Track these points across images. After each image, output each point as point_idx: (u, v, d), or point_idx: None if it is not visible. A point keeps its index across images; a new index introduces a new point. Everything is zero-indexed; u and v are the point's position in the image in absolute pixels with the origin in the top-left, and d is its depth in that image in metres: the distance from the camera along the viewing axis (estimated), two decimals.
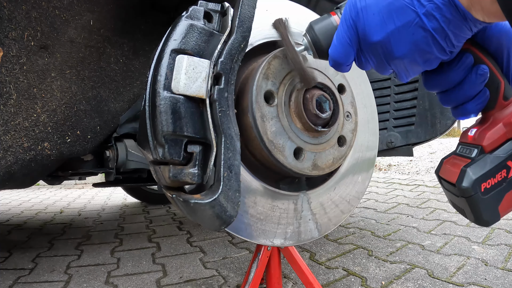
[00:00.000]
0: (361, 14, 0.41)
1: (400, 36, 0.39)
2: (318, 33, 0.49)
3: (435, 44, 0.38)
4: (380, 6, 0.39)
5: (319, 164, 0.65)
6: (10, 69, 0.82)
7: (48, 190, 4.77)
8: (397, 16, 0.38)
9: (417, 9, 0.37)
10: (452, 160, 0.50)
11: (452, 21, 0.37)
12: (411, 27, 0.38)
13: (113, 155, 1.32)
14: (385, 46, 0.41)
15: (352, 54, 0.45)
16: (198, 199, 0.50)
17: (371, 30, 0.41)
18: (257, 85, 0.59)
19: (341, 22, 0.44)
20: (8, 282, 1.30)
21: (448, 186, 0.48)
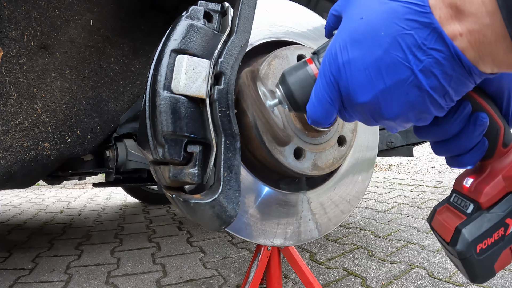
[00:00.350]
0: (343, 70, 0.34)
1: (391, 97, 0.32)
2: (293, 86, 0.42)
3: (432, 103, 0.32)
4: (367, 61, 0.32)
5: (319, 164, 0.65)
6: (10, 69, 0.82)
7: (48, 190, 4.77)
8: (387, 73, 0.31)
9: (412, 65, 0.30)
10: (445, 212, 0.45)
11: (454, 77, 0.30)
12: (405, 86, 0.31)
13: (113, 155, 1.32)
14: (373, 107, 0.34)
15: (333, 113, 0.38)
16: (198, 199, 0.50)
17: (356, 90, 0.33)
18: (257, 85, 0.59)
19: (320, 77, 0.36)
20: (8, 282, 1.30)
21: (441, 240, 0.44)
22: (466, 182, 0.43)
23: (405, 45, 0.30)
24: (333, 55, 0.34)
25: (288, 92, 0.42)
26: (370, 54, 0.32)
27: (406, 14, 0.29)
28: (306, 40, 0.75)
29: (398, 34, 0.30)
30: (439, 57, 0.29)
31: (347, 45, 0.33)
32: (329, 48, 0.35)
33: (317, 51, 0.42)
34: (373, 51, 0.31)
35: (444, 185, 3.15)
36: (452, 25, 0.28)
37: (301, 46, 0.67)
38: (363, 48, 0.32)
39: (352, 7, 0.34)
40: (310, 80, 0.41)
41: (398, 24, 0.30)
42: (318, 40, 0.77)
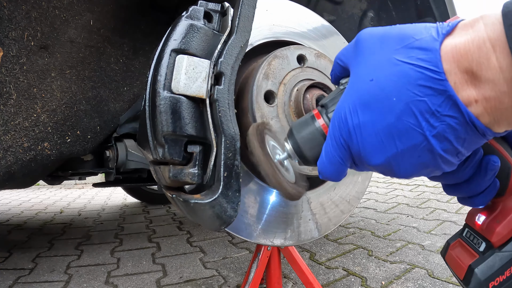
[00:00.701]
0: (354, 134, 0.33)
1: (403, 159, 0.31)
2: (301, 142, 0.41)
3: (444, 162, 0.31)
4: (378, 126, 0.31)
5: None
6: (10, 69, 0.82)
7: (48, 190, 4.77)
8: (400, 139, 0.30)
9: (426, 131, 0.29)
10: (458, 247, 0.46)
11: (468, 139, 0.29)
12: (418, 150, 0.30)
13: (113, 155, 1.32)
14: (385, 168, 0.33)
15: (344, 171, 0.37)
16: (198, 199, 0.50)
17: (368, 153, 0.33)
18: (257, 85, 0.59)
19: (330, 138, 0.35)
20: (8, 282, 1.30)
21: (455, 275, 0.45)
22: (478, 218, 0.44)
23: (418, 111, 0.29)
24: (343, 118, 0.33)
25: (297, 148, 0.41)
26: (381, 119, 0.31)
27: (419, 79, 0.28)
28: (306, 40, 0.75)
29: (411, 101, 0.29)
30: (453, 123, 0.28)
31: (357, 108, 0.32)
32: (337, 109, 0.34)
33: (325, 105, 0.40)
34: (384, 117, 0.30)
35: None
36: (468, 91, 0.27)
37: (301, 46, 0.67)
38: (374, 112, 0.31)
39: (360, 64, 0.33)
40: (319, 135, 0.40)
41: (410, 90, 0.29)
42: (318, 40, 0.77)
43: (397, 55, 0.30)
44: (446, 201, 2.46)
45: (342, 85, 0.39)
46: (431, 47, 0.28)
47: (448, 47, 0.28)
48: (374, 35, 0.33)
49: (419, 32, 0.30)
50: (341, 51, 0.38)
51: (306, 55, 0.66)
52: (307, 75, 0.65)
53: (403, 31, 0.31)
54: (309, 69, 0.65)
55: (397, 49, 0.30)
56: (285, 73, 0.62)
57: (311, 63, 0.66)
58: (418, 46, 0.29)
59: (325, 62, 0.69)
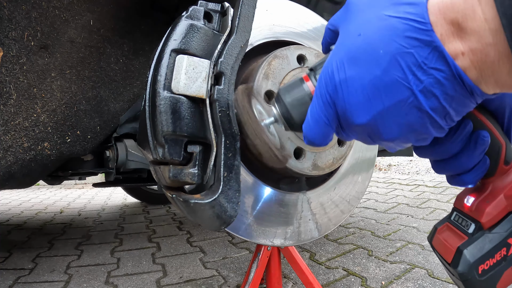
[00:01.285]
0: (340, 90, 0.32)
1: (390, 118, 0.31)
2: (289, 104, 0.40)
3: (432, 124, 0.30)
4: (365, 81, 0.30)
5: (319, 164, 0.65)
6: (10, 69, 0.82)
7: (48, 190, 4.77)
8: (386, 94, 0.30)
9: (412, 85, 0.28)
10: (446, 231, 0.45)
11: (456, 97, 0.29)
12: (404, 107, 0.30)
13: (113, 155, 1.32)
14: (371, 128, 0.32)
15: (330, 133, 0.36)
16: (198, 199, 0.50)
17: (354, 110, 0.32)
18: (257, 85, 0.59)
19: (316, 96, 0.35)
20: (8, 282, 1.30)
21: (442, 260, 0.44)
22: (467, 200, 0.43)
23: (405, 64, 0.28)
24: (330, 73, 0.33)
25: (284, 110, 0.41)
26: (368, 73, 0.30)
27: (406, 31, 0.28)
28: (306, 40, 0.75)
29: (397, 53, 0.28)
30: (440, 77, 0.28)
31: (344, 63, 0.31)
32: (325, 66, 0.34)
33: (314, 68, 0.40)
34: (371, 70, 0.30)
35: (444, 185, 3.15)
36: (454, 44, 0.27)
37: (301, 46, 0.67)
38: (361, 66, 0.30)
39: (349, 22, 0.33)
40: (307, 98, 0.39)
41: (397, 42, 0.28)
42: (318, 40, 0.77)
43: (385, 11, 0.29)
44: (446, 201, 2.46)
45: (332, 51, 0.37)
46: (418, 2, 0.28)
47: (435, 0, 0.28)
48: None
49: None
50: (332, 17, 0.37)
51: (306, 55, 0.66)
52: None
53: None
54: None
55: (386, 5, 0.30)
56: (285, 73, 0.62)
57: (311, 63, 0.66)
58: (406, 2, 0.29)
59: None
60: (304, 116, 0.39)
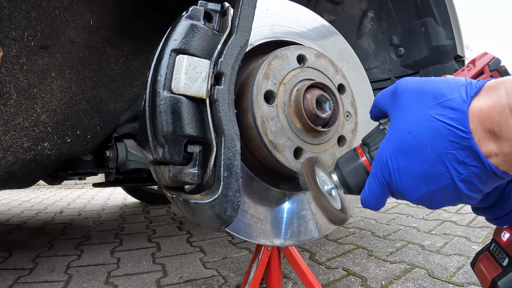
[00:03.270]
0: (393, 176, 0.39)
1: (434, 197, 0.38)
2: (347, 175, 0.48)
3: (469, 198, 0.38)
4: (414, 171, 0.37)
5: None
6: (10, 69, 0.82)
7: (48, 190, 4.77)
8: (432, 181, 0.37)
9: (454, 177, 0.36)
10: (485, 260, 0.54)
11: (488, 181, 0.36)
12: (447, 191, 0.37)
13: (113, 155, 1.32)
14: (419, 202, 0.41)
15: (384, 202, 0.44)
16: (198, 199, 0.50)
17: (405, 192, 0.40)
18: (257, 85, 0.59)
19: (373, 177, 0.42)
20: (8, 282, 1.30)
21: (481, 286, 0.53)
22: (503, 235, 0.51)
23: (448, 161, 0.35)
24: (385, 161, 0.40)
25: (342, 179, 0.48)
26: (417, 165, 0.37)
27: (450, 136, 0.35)
28: (306, 40, 0.75)
29: (442, 153, 0.35)
30: (476, 171, 0.35)
31: (397, 155, 0.38)
32: (379, 154, 0.41)
33: (367, 143, 0.47)
34: (420, 164, 0.37)
35: None
36: (489, 146, 0.34)
37: (301, 46, 0.67)
38: (411, 159, 0.37)
39: (399, 116, 0.39)
40: (362, 170, 0.46)
41: (442, 144, 0.35)
42: (318, 40, 0.77)
43: (431, 111, 0.36)
44: None
45: (382, 125, 0.45)
46: (460, 108, 0.35)
47: (474, 110, 0.34)
48: (411, 89, 0.39)
49: (451, 92, 0.36)
50: (379, 96, 0.44)
51: (306, 55, 0.66)
52: (307, 75, 0.65)
53: (437, 87, 0.37)
54: (309, 69, 0.65)
55: (431, 105, 0.36)
56: (285, 73, 0.62)
57: (311, 63, 0.66)
58: (450, 106, 0.35)
59: (325, 62, 0.69)
60: (359, 183, 0.47)
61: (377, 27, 1.38)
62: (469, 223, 1.85)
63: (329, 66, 0.69)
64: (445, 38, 1.27)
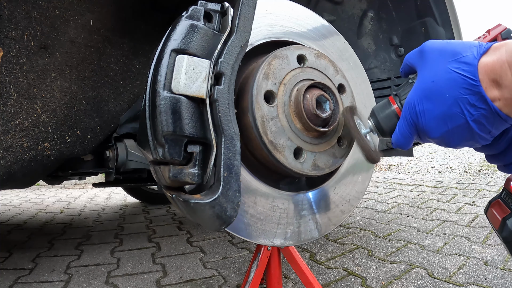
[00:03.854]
0: (420, 117, 0.49)
1: (453, 135, 0.48)
2: (381, 120, 0.57)
3: (480, 137, 0.47)
4: (436, 112, 0.47)
5: (319, 164, 0.65)
6: (10, 69, 0.82)
7: (48, 190, 4.77)
8: (450, 121, 0.46)
9: (467, 117, 0.45)
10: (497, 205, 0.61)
11: (495, 123, 0.45)
12: (462, 129, 0.46)
13: (113, 155, 1.32)
14: (440, 140, 0.50)
15: (412, 141, 0.53)
16: (198, 199, 0.50)
17: (429, 130, 0.49)
18: (257, 85, 0.59)
19: (403, 119, 0.52)
20: (8, 282, 1.30)
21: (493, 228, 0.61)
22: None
23: (462, 104, 0.45)
24: (412, 105, 0.50)
25: (377, 124, 0.58)
26: (438, 108, 0.47)
27: (463, 84, 0.44)
28: (306, 40, 0.75)
29: (457, 97, 0.45)
30: (484, 113, 0.44)
31: (422, 100, 0.48)
32: (409, 100, 0.50)
33: (398, 94, 0.56)
34: (440, 106, 0.47)
35: (444, 185, 3.15)
36: (493, 92, 0.43)
37: (301, 46, 0.67)
38: (433, 103, 0.47)
39: (425, 69, 0.49)
40: (394, 116, 0.56)
41: (457, 90, 0.45)
42: (318, 40, 0.77)
43: (450, 65, 0.46)
44: (446, 201, 2.46)
45: (411, 80, 0.54)
46: (472, 63, 0.44)
47: (482, 64, 0.44)
48: (435, 48, 0.49)
49: (465, 51, 0.46)
50: (408, 55, 0.54)
51: (306, 55, 0.66)
52: (307, 75, 0.65)
53: (455, 47, 0.47)
54: (309, 69, 0.65)
55: (450, 61, 0.46)
56: (285, 73, 0.62)
57: (311, 63, 0.66)
58: (464, 61, 0.45)
59: (325, 62, 0.69)
60: (391, 128, 0.56)
61: (377, 27, 1.38)
62: (469, 223, 1.85)
63: (329, 66, 0.69)
64: (445, 38, 1.27)
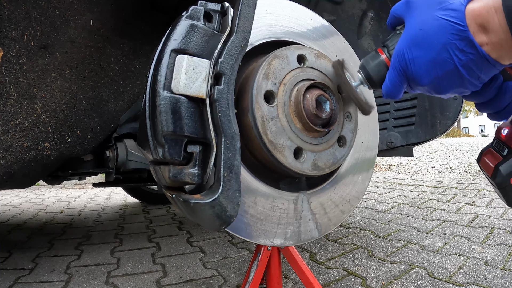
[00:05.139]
0: (409, 64, 0.49)
1: (442, 81, 0.48)
2: (371, 71, 0.57)
3: (470, 83, 0.48)
4: (425, 59, 0.47)
5: (319, 164, 0.65)
6: (10, 69, 0.82)
7: (48, 190, 4.77)
8: (439, 67, 0.47)
9: (456, 62, 0.45)
10: (489, 154, 0.62)
11: (484, 68, 0.45)
12: (451, 75, 0.47)
13: (113, 155, 1.32)
14: (430, 87, 0.50)
15: (402, 90, 0.53)
16: (198, 199, 0.50)
17: (419, 77, 0.49)
18: (257, 85, 0.59)
19: (392, 68, 0.52)
20: (8, 282, 1.30)
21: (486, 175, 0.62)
22: (503, 131, 0.59)
23: (451, 49, 0.45)
24: (401, 53, 0.50)
25: (367, 76, 0.57)
26: (427, 54, 0.47)
27: (452, 30, 0.45)
28: (306, 40, 0.75)
29: (446, 43, 0.45)
30: (473, 57, 0.45)
31: (411, 47, 0.48)
32: (398, 48, 0.50)
33: (386, 45, 0.56)
34: (429, 53, 0.47)
35: (444, 185, 3.15)
36: (481, 37, 0.44)
37: (301, 46, 0.67)
38: (422, 50, 0.47)
39: (412, 18, 0.50)
40: (383, 66, 0.56)
41: (446, 36, 0.45)
42: (318, 40, 0.77)
43: (437, 13, 0.46)
44: (446, 201, 2.46)
45: (398, 31, 0.55)
46: (459, 9, 0.45)
47: (469, 10, 0.44)
48: None
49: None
50: (394, 7, 0.54)
51: (306, 55, 0.66)
52: (307, 75, 0.65)
53: None
54: (309, 69, 0.65)
55: (437, 8, 0.46)
56: (285, 73, 0.62)
57: (311, 63, 0.66)
58: (451, 8, 0.45)
59: (325, 62, 0.68)
60: (381, 78, 0.56)
61: (377, 27, 1.38)
62: (469, 223, 1.85)
63: (329, 66, 0.69)
64: None
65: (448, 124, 1.49)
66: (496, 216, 1.96)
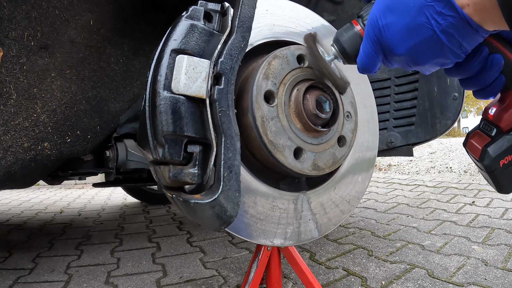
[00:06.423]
0: (383, 31, 0.45)
1: (420, 50, 0.44)
2: (345, 43, 0.53)
3: (451, 52, 0.43)
4: (400, 25, 0.43)
5: (319, 164, 0.65)
6: (10, 69, 0.82)
7: (48, 190, 4.77)
8: (416, 33, 0.42)
9: (434, 27, 0.41)
10: (476, 136, 0.57)
11: (466, 34, 0.41)
12: (430, 42, 0.42)
13: (113, 155, 1.32)
14: (407, 57, 0.45)
15: (378, 62, 0.49)
16: (198, 199, 0.50)
17: (394, 46, 0.45)
18: (257, 85, 0.59)
19: (366, 37, 0.48)
20: (8, 282, 1.30)
21: (473, 159, 0.56)
22: (491, 110, 0.54)
23: (428, 13, 0.41)
24: (375, 20, 0.45)
25: (341, 48, 0.54)
26: (402, 19, 0.43)
27: None
28: None
29: (423, 5, 0.41)
30: (453, 21, 0.40)
31: (385, 13, 0.44)
32: (370, 15, 0.46)
33: (361, 16, 0.52)
34: (404, 17, 0.42)
35: (444, 185, 3.15)
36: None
37: (301, 46, 0.67)
38: (397, 14, 0.43)
39: None
40: (358, 38, 0.52)
41: None
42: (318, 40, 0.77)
43: None
44: (446, 201, 2.46)
45: (373, 1, 0.49)
46: None
47: None
48: None
49: None
50: None
51: (306, 55, 0.66)
52: (307, 75, 0.65)
53: None
54: (309, 69, 0.65)
55: None
56: (285, 73, 0.62)
57: (311, 63, 0.66)
58: None
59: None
60: (356, 51, 0.52)
61: None
62: (469, 223, 1.85)
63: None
64: None
65: (448, 124, 1.49)
66: (496, 216, 1.96)
